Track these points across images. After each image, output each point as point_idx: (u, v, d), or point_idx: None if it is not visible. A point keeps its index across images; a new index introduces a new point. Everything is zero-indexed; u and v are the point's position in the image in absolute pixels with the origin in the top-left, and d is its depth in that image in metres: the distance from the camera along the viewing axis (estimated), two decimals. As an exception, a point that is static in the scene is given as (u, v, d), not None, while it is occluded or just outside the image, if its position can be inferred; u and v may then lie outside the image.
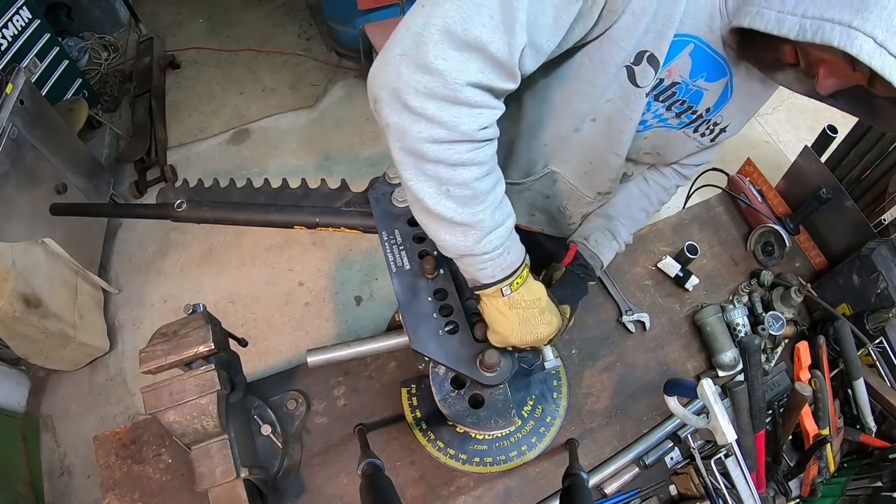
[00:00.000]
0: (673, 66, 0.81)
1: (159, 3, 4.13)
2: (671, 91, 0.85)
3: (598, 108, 0.88)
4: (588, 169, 1.03)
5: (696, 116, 0.90)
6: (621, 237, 1.15)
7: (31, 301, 1.99)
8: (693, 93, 0.86)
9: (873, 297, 1.29)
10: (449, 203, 0.67)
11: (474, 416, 0.96)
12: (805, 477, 1.17)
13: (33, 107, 2.25)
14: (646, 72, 0.79)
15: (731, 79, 0.84)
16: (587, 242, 1.14)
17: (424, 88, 0.59)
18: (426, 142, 0.62)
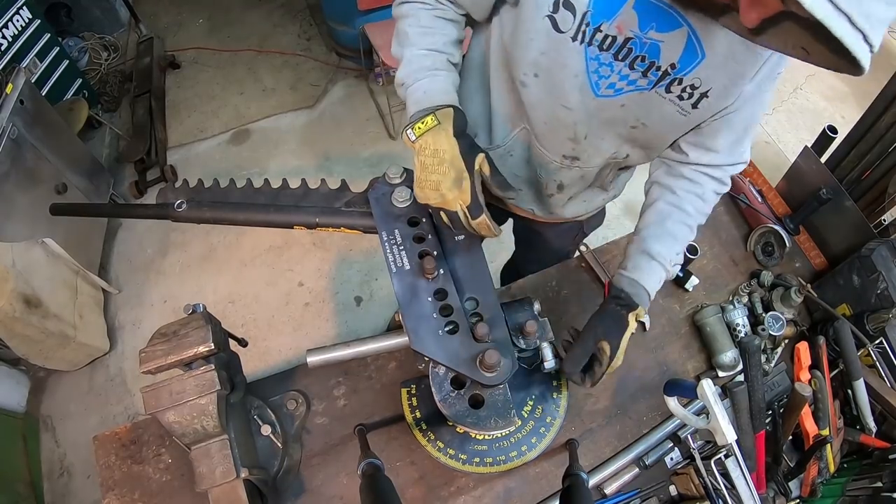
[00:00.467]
0: (620, 22, 0.83)
1: (159, 4, 4.13)
2: (627, 48, 0.85)
3: (537, 62, 0.92)
4: (546, 128, 1.05)
5: (663, 73, 0.88)
6: (661, 256, 1.03)
7: (31, 301, 1.99)
8: (649, 46, 0.85)
9: (873, 298, 1.29)
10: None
11: (474, 416, 0.96)
12: (805, 477, 1.17)
13: (33, 107, 2.25)
14: (566, 18, 0.84)
15: (695, 33, 0.82)
16: (625, 271, 1.05)
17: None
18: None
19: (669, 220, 1.05)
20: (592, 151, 1.07)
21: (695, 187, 1.06)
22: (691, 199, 1.06)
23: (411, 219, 1.06)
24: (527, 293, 1.32)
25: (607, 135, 1.04)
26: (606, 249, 1.45)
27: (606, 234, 2.82)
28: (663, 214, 1.06)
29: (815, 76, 3.78)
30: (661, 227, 1.05)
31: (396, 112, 3.29)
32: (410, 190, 1.10)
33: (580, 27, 0.84)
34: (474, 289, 1.01)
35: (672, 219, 1.05)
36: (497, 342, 0.93)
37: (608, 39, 0.85)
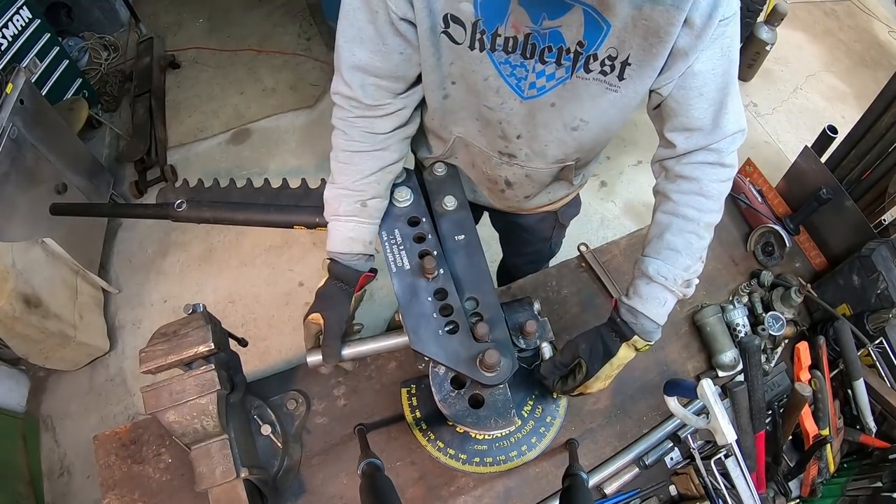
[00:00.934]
0: (513, 21, 0.84)
1: (159, 3, 4.12)
2: (530, 44, 0.86)
3: (449, 72, 0.96)
4: (479, 126, 1.07)
5: (575, 54, 0.86)
6: (660, 275, 0.95)
7: (31, 301, 1.99)
8: (550, 35, 0.84)
9: (873, 298, 1.29)
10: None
11: (474, 416, 0.96)
12: (805, 477, 1.17)
13: (33, 107, 2.25)
14: (457, 30, 0.87)
15: (591, 8, 0.80)
16: (626, 298, 0.98)
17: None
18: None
19: (668, 232, 0.97)
20: (530, 153, 1.07)
21: (692, 185, 0.96)
22: (691, 200, 0.96)
23: (411, 219, 1.06)
24: (527, 293, 1.32)
25: (550, 142, 1.04)
26: (606, 249, 1.45)
27: (606, 234, 2.82)
28: (662, 226, 0.98)
29: (815, 76, 3.79)
30: (661, 242, 0.97)
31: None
32: (410, 190, 1.10)
33: (474, 36, 0.87)
34: (474, 289, 1.01)
35: (671, 230, 0.97)
36: (497, 342, 0.94)
37: (510, 41, 0.86)
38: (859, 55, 3.95)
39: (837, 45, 4.00)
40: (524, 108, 0.97)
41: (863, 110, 1.99)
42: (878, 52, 3.99)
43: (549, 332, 1.04)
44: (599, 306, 1.35)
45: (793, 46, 3.92)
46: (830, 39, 4.03)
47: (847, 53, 3.96)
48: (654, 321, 0.95)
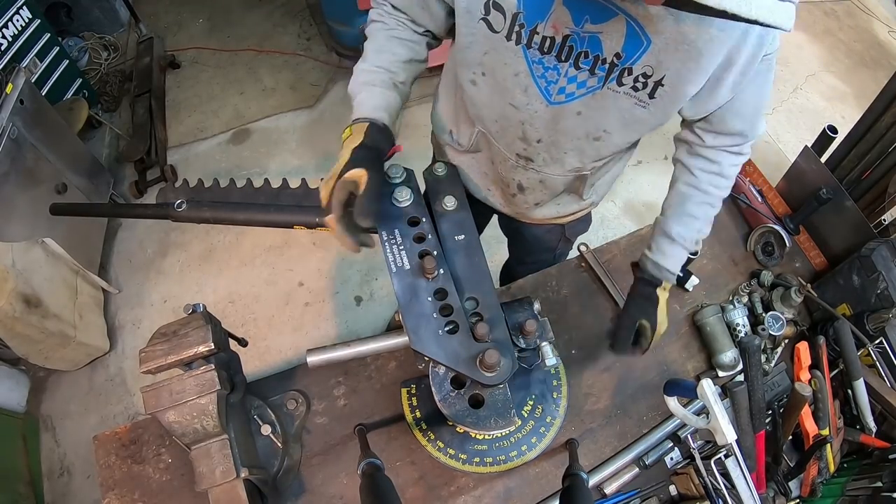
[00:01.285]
0: (554, 21, 0.83)
1: (159, 3, 4.12)
2: (567, 46, 0.86)
3: (482, 61, 0.97)
4: (498, 127, 1.09)
5: (610, 65, 0.86)
6: (682, 237, 1.11)
7: (31, 301, 1.99)
8: (589, 40, 0.84)
9: (873, 298, 1.29)
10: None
11: (474, 415, 0.96)
12: (805, 477, 1.17)
13: (33, 107, 2.25)
14: (497, 18, 0.87)
15: (633, 19, 0.79)
16: (649, 252, 1.15)
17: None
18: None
19: (689, 202, 1.10)
20: (548, 158, 1.09)
21: (713, 166, 1.08)
22: (710, 178, 1.09)
23: (411, 218, 1.06)
24: (527, 293, 1.32)
25: (570, 150, 1.05)
26: (606, 249, 1.45)
27: (606, 234, 2.82)
28: (684, 196, 1.11)
29: (815, 76, 3.79)
30: (682, 209, 1.11)
31: (396, 112, 3.28)
32: (410, 190, 1.10)
33: (513, 27, 0.86)
34: (474, 288, 1.01)
35: (692, 200, 1.10)
36: (497, 342, 0.94)
37: (547, 41, 0.86)
38: (859, 55, 3.96)
39: (837, 45, 4.00)
40: (549, 112, 0.97)
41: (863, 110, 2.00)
42: (878, 52, 3.99)
43: (549, 331, 1.04)
44: (599, 306, 1.35)
45: (793, 46, 3.92)
46: (830, 39, 4.03)
47: (847, 53, 3.96)
48: (673, 272, 1.13)
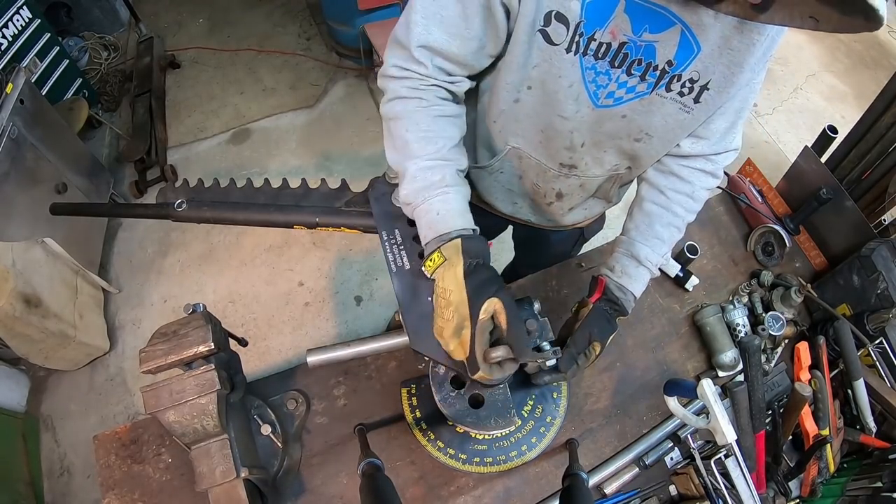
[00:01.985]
0: (613, 28, 0.82)
1: (159, 3, 4.13)
2: (622, 53, 0.85)
3: (528, 76, 0.91)
4: (542, 138, 1.03)
5: (661, 72, 0.87)
6: (649, 260, 1.05)
7: (31, 301, 1.99)
8: (644, 48, 0.84)
9: (873, 298, 1.29)
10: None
11: (474, 415, 0.96)
12: (805, 477, 1.17)
13: (33, 106, 2.25)
14: (558, 29, 0.83)
15: (688, 28, 0.81)
16: (612, 273, 1.06)
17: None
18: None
19: (658, 223, 1.06)
20: (591, 161, 1.07)
21: (685, 186, 1.05)
22: (681, 199, 1.05)
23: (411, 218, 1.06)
24: (527, 293, 1.31)
25: (610, 148, 1.03)
26: (606, 249, 1.45)
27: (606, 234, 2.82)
28: (652, 217, 1.06)
29: (815, 76, 3.79)
30: (650, 230, 1.06)
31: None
32: (410, 190, 1.10)
33: (574, 38, 0.84)
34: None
35: (661, 222, 1.06)
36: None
37: (602, 47, 0.85)
38: (859, 55, 3.96)
39: (837, 46, 4.00)
40: (594, 115, 0.95)
41: (863, 110, 2.00)
42: (878, 52, 3.99)
43: (549, 331, 1.04)
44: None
45: (793, 46, 3.92)
46: (830, 39, 4.03)
47: (847, 53, 3.96)
48: (636, 297, 1.06)
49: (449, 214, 0.85)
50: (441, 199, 0.86)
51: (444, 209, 0.86)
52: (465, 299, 0.78)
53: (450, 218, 0.85)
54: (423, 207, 0.86)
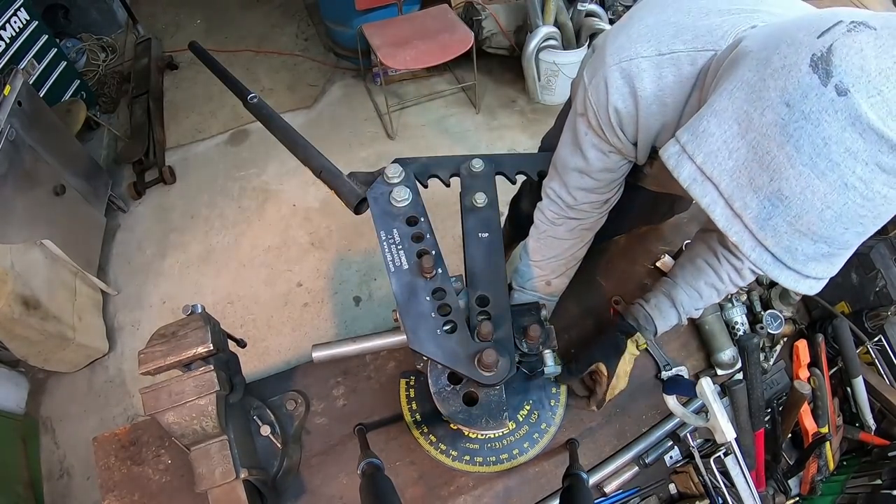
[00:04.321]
0: None
1: (157, 4, 4.13)
2: None
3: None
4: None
5: None
6: (682, 306, 1.09)
7: (29, 303, 1.99)
8: None
9: (872, 295, 1.29)
10: None
11: (466, 412, 0.95)
12: (804, 475, 1.18)
13: (31, 108, 2.25)
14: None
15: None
16: (646, 304, 1.12)
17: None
18: None
19: (703, 280, 1.08)
20: None
21: (736, 262, 1.05)
22: (730, 270, 1.06)
23: (409, 218, 1.06)
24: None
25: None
26: (606, 249, 1.45)
27: (605, 233, 2.83)
28: (700, 272, 1.08)
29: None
30: (695, 283, 1.09)
31: (394, 112, 3.29)
32: (409, 189, 1.10)
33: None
34: (487, 287, 1.01)
35: (706, 280, 1.08)
36: (498, 342, 0.94)
37: None
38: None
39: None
40: None
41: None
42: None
43: (553, 340, 1.04)
44: (598, 306, 1.35)
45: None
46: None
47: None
48: (657, 331, 1.11)
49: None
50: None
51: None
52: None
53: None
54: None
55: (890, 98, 0.50)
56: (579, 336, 1.30)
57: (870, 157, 0.51)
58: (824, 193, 0.54)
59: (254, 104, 1.35)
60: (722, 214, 0.61)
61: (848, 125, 0.51)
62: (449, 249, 2.43)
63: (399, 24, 3.01)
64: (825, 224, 0.56)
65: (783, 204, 0.56)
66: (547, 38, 3.01)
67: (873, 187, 0.52)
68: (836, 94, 0.51)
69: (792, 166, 0.54)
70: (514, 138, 3.26)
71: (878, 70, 0.50)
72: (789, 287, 0.62)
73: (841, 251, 0.60)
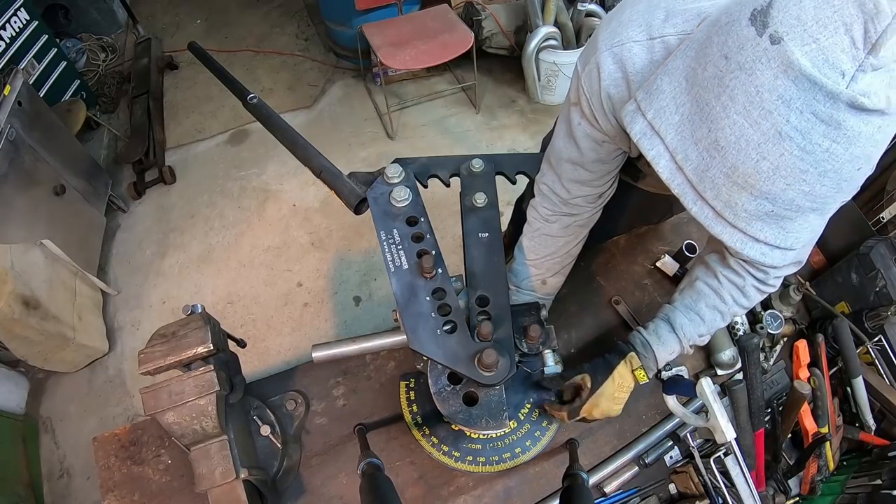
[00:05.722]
0: None
1: (157, 4, 4.13)
2: None
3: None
4: None
5: None
6: (682, 330, 1.03)
7: (29, 303, 1.99)
8: None
9: (872, 295, 1.29)
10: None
11: (466, 413, 0.95)
12: (804, 475, 1.18)
13: (31, 108, 2.25)
14: None
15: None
16: (644, 330, 1.06)
17: None
18: None
19: (704, 303, 1.03)
20: None
21: (737, 279, 0.99)
22: (732, 289, 1.01)
23: (409, 218, 1.06)
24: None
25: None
26: (606, 249, 1.45)
27: (605, 233, 2.83)
28: (700, 295, 1.04)
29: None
30: (695, 305, 1.04)
31: (394, 112, 3.29)
32: (409, 189, 1.10)
33: None
34: (487, 286, 1.01)
35: (707, 302, 1.03)
36: (499, 342, 0.94)
37: None
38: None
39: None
40: None
41: (861, 108, 1.99)
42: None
43: (553, 339, 1.04)
44: (598, 306, 1.35)
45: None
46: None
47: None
48: (657, 361, 1.04)
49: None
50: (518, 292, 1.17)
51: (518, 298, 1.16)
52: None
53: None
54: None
55: (827, 46, 0.49)
56: (579, 336, 1.30)
57: (804, 105, 0.50)
58: (758, 143, 0.53)
59: (253, 104, 1.35)
60: (666, 167, 0.62)
61: (780, 73, 0.50)
62: (449, 249, 2.43)
63: (399, 24, 3.01)
64: (762, 177, 0.55)
65: (720, 154, 0.57)
66: (547, 38, 3.01)
67: (811, 138, 0.51)
68: (770, 42, 0.51)
69: (727, 116, 0.55)
70: (514, 138, 3.26)
71: (816, 19, 0.49)
72: (737, 248, 0.62)
73: (789, 213, 0.58)
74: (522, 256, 1.15)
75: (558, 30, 3.04)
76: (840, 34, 0.48)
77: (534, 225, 1.11)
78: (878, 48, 0.48)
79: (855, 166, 0.53)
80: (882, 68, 0.48)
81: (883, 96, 0.49)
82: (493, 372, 0.90)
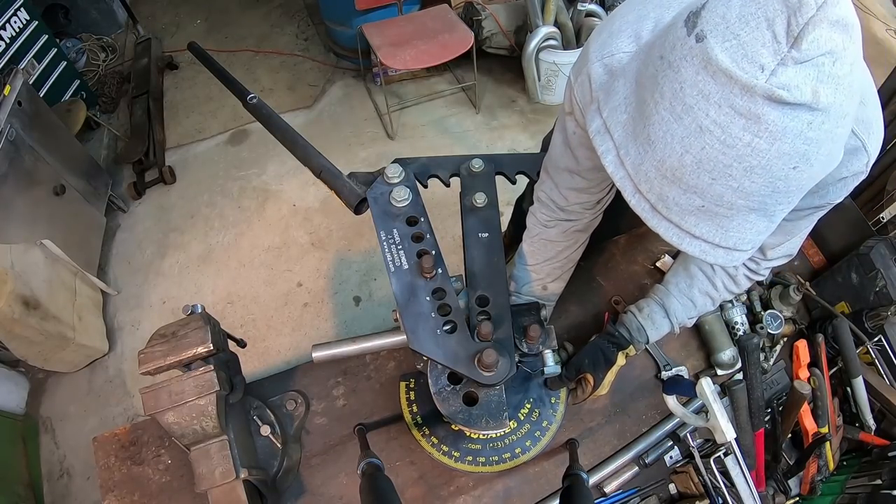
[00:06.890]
0: None
1: (157, 4, 4.12)
2: None
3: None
4: None
5: None
6: (675, 315, 1.11)
7: (29, 303, 1.99)
8: None
9: (872, 296, 1.29)
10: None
11: (466, 413, 0.96)
12: (804, 475, 1.18)
13: (31, 108, 2.25)
14: None
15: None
16: (638, 313, 1.13)
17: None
18: None
19: (696, 288, 1.10)
20: None
21: (730, 268, 1.05)
22: (724, 276, 1.07)
23: (409, 218, 1.06)
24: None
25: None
26: (606, 248, 1.45)
27: (605, 233, 2.83)
28: (694, 279, 1.10)
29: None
30: (688, 290, 1.11)
31: (394, 112, 3.29)
32: (409, 189, 1.10)
33: None
34: (488, 286, 1.01)
35: (699, 287, 1.09)
36: (499, 342, 0.94)
37: None
38: (857, 53, 3.95)
39: (835, 44, 3.99)
40: None
41: (861, 108, 1.99)
42: (875, 50, 3.99)
43: (553, 340, 1.04)
44: (597, 305, 1.35)
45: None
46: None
47: (845, 51, 3.95)
48: (648, 341, 1.13)
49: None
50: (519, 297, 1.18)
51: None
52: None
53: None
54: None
55: (747, 41, 0.49)
56: (579, 336, 1.30)
57: (722, 99, 0.51)
58: (682, 136, 0.55)
59: (253, 104, 1.35)
60: (611, 162, 0.64)
61: (701, 68, 0.52)
62: (449, 249, 2.43)
63: (399, 24, 3.01)
64: (687, 170, 0.56)
65: (651, 149, 0.58)
66: (547, 38, 3.01)
67: (731, 132, 0.52)
68: (695, 41, 0.52)
69: (657, 111, 0.56)
70: (514, 138, 3.26)
71: (740, 16, 0.50)
72: (675, 243, 0.63)
73: (722, 209, 0.58)
74: (523, 261, 1.16)
75: (558, 30, 3.04)
76: (762, 29, 0.49)
77: (533, 231, 1.12)
78: (801, 41, 0.47)
79: (787, 164, 0.53)
80: (808, 62, 0.48)
81: (808, 90, 0.48)
82: (493, 372, 0.90)
